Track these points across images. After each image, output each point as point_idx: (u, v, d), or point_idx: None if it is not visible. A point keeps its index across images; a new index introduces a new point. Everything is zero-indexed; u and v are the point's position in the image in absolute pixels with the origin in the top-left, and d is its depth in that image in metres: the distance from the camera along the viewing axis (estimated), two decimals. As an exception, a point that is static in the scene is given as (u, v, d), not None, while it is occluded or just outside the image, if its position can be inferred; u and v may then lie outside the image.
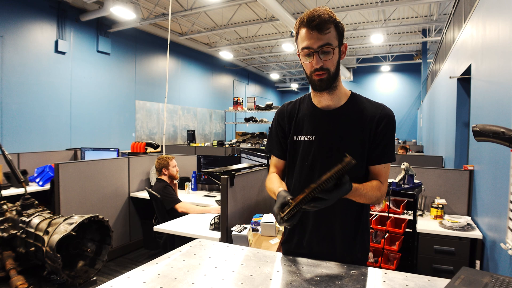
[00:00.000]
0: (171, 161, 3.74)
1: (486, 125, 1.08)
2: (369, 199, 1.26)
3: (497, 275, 1.00)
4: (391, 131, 1.32)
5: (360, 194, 1.20)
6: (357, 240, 1.37)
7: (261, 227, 2.50)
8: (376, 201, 1.30)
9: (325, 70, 1.24)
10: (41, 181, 4.49)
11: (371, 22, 10.89)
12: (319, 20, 1.18)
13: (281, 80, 21.27)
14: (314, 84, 1.28)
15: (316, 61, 1.22)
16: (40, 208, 1.42)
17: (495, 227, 2.52)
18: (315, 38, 1.20)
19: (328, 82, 1.26)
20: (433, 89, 9.04)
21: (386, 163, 1.33)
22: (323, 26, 1.19)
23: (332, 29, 1.21)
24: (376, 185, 1.29)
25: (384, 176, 1.33)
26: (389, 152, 1.32)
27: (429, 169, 3.53)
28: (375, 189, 1.27)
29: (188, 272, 1.15)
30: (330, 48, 1.21)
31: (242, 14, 10.11)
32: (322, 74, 1.24)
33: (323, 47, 1.20)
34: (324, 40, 1.20)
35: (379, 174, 1.33)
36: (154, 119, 11.20)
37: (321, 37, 1.20)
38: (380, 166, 1.32)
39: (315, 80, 1.26)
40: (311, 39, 1.20)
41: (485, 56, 3.09)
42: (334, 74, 1.27)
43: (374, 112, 1.32)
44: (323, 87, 1.27)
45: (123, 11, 7.97)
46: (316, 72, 1.24)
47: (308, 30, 1.20)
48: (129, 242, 4.47)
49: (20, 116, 7.28)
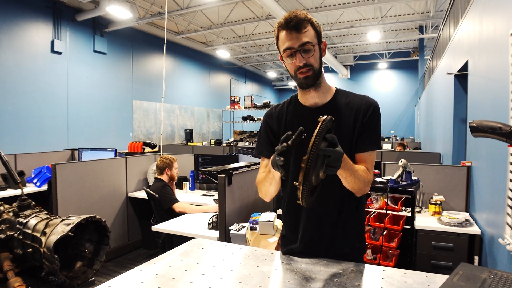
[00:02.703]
0: (175, 163, 3.75)
1: (483, 121, 1.08)
2: (358, 178, 1.24)
3: (496, 270, 1.00)
4: (376, 119, 1.35)
5: (351, 166, 1.19)
6: (352, 229, 1.39)
7: (259, 225, 2.50)
8: (363, 186, 1.27)
9: (309, 66, 1.28)
10: (38, 182, 4.48)
11: (368, 20, 10.89)
12: (296, 20, 1.24)
13: (278, 78, 21.27)
14: (300, 82, 1.33)
15: (299, 59, 1.27)
16: (37, 209, 1.41)
17: (493, 223, 2.53)
18: (295, 38, 1.25)
19: (313, 79, 1.31)
20: (430, 86, 9.05)
21: (371, 151, 1.35)
22: (301, 26, 1.24)
23: (309, 28, 1.27)
24: (363, 168, 1.30)
25: (370, 164, 1.35)
26: (374, 140, 1.35)
27: (427, 166, 3.53)
28: (362, 171, 1.27)
29: (186, 271, 1.15)
30: (310, 46, 1.26)
31: (239, 13, 10.09)
32: (307, 71, 1.29)
33: (304, 45, 1.25)
34: (303, 39, 1.25)
35: (365, 162, 1.34)
36: (151, 118, 11.18)
37: (300, 36, 1.25)
38: (365, 154, 1.34)
39: (300, 78, 1.31)
40: (291, 39, 1.26)
41: (482, 52, 3.09)
42: (318, 70, 1.31)
43: (359, 103, 1.36)
44: (309, 84, 1.31)
45: (119, 10, 7.94)
46: (301, 70, 1.29)
47: (287, 32, 1.26)
48: (127, 242, 4.46)
49: (17, 117, 7.25)
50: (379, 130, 1.37)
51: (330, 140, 1.02)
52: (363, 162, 1.34)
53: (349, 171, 1.19)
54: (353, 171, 1.21)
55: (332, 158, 1.00)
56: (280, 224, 2.41)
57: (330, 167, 1.02)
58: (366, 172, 1.29)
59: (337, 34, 12.57)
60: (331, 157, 1.00)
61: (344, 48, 15.31)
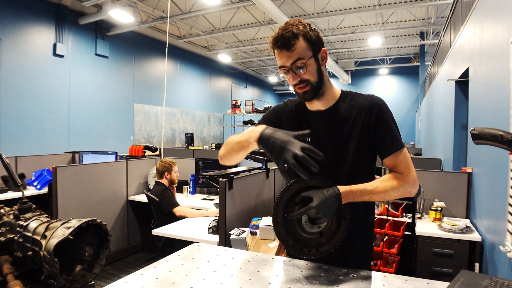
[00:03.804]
0: (174, 166, 3.75)
1: (485, 128, 1.08)
2: (383, 192, 1.21)
3: (497, 278, 1.00)
4: (385, 118, 1.29)
5: (361, 192, 1.18)
6: (360, 237, 1.37)
7: (259, 230, 2.49)
8: (396, 192, 1.23)
9: (305, 81, 1.25)
10: (39, 184, 4.48)
11: (369, 25, 10.93)
12: (282, 40, 1.20)
13: (279, 83, 21.30)
14: (299, 96, 1.31)
15: (292, 78, 1.24)
16: (37, 212, 1.41)
17: (494, 230, 2.52)
18: (286, 56, 1.22)
19: (312, 93, 1.27)
20: (431, 92, 9.06)
21: (396, 152, 1.27)
22: (288, 44, 1.20)
23: (300, 43, 1.21)
24: (387, 177, 1.25)
25: (402, 165, 1.27)
26: (393, 140, 1.28)
27: (427, 172, 3.53)
28: (385, 180, 1.23)
29: (186, 276, 1.15)
30: (301, 62, 1.22)
31: (241, 18, 10.14)
32: (304, 87, 1.26)
33: (295, 63, 1.22)
34: (294, 57, 1.21)
35: (395, 165, 1.28)
36: (152, 122, 11.19)
37: (290, 54, 1.21)
38: (390, 157, 1.28)
39: (299, 93, 1.29)
40: (282, 58, 1.23)
41: (483, 58, 3.10)
42: (318, 83, 1.27)
43: (363, 104, 1.31)
44: (308, 98, 1.29)
45: (122, 14, 7.99)
46: (298, 86, 1.27)
47: (278, 50, 1.23)
48: (127, 246, 4.45)
49: (18, 119, 7.27)
50: (393, 128, 1.30)
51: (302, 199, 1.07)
52: (393, 166, 1.28)
53: (360, 197, 1.19)
54: (366, 193, 1.20)
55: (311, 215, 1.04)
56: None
57: (317, 219, 1.05)
58: (390, 180, 1.24)
59: (338, 39, 12.62)
60: (308, 216, 1.03)
61: (345, 54, 15.35)
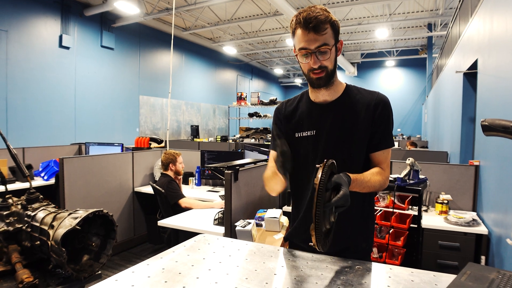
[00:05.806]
0: (179, 157, 3.75)
1: (496, 119, 1.06)
2: (372, 187, 1.25)
3: (504, 270, 0.99)
4: (387, 116, 1.32)
5: (361, 183, 1.20)
6: (361, 229, 1.38)
7: (265, 222, 2.49)
8: (379, 187, 1.29)
9: (323, 68, 1.25)
10: (46, 175, 4.52)
11: (376, 17, 10.79)
12: (316, 22, 1.18)
13: (285, 75, 21.20)
14: (312, 82, 1.30)
15: (313, 62, 1.23)
16: (45, 202, 1.43)
17: (501, 223, 2.50)
18: (312, 39, 1.20)
19: (326, 80, 1.28)
20: (438, 84, 8.96)
21: (385, 149, 1.33)
22: (320, 27, 1.19)
23: (328, 29, 1.21)
24: (376, 171, 1.30)
25: (385, 163, 1.34)
26: (387, 137, 1.33)
27: (434, 165, 3.50)
28: (375, 174, 1.27)
29: (192, 266, 1.15)
30: (327, 48, 1.22)
31: (246, 9, 10.05)
32: (320, 73, 1.26)
33: (320, 47, 1.21)
34: (321, 41, 1.20)
35: (380, 161, 1.33)
36: (158, 114, 11.21)
37: (318, 38, 1.20)
38: (379, 152, 1.33)
39: (313, 78, 1.28)
40: (308, 40, 1.21)
41: (492, 50, 3.05)
42: (332, 71, 1.28)
43: (369, 99, 1.33)
44: (321, 84, 1.29)
45: (127, 5, 7.96)
46: (314, 71, 1.26)
47: (305, 31, 1.20)
48: (133, 237, 4.50)
49: (25, 111, 7.32)
50: (391, 127, 1.34)
51: (334, 185, 1.03)
52: (377, 162, 1.33)
53: (360, 187, 1.20)
54: (364, 184, 1.21)
55: (340, 203, 1.02)
56: (286, 221, 2.41)
57: (339, 207, 1.04)
58: (378, 174, 1.29)
59: (344, 31, 12.48)
60: (338, 203, 1.02)
61: (352, 45, 15.19)
